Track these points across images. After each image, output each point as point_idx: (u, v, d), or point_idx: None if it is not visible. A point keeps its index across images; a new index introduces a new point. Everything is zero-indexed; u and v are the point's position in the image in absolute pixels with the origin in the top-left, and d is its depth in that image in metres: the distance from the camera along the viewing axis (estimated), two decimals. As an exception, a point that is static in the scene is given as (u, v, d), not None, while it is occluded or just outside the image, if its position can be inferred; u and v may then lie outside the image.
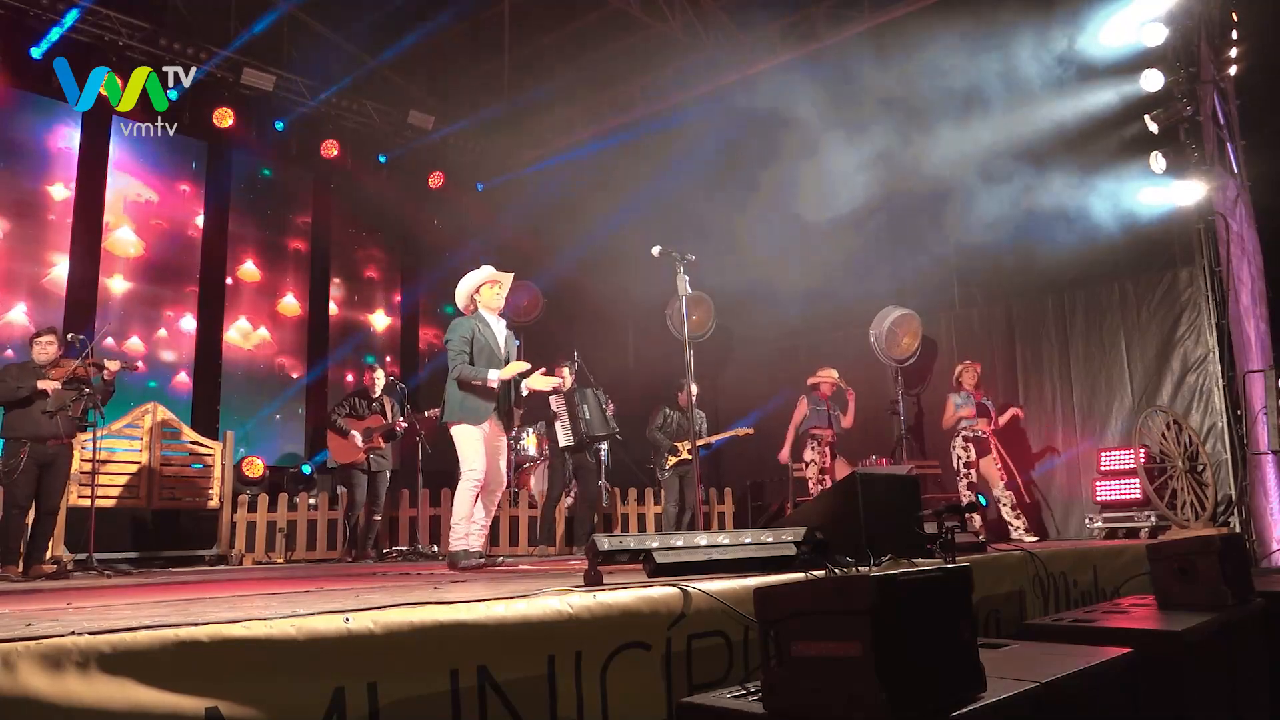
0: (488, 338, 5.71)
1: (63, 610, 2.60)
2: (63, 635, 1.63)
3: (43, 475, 6.52)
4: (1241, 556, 4.06)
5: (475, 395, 5.58)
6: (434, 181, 13.10)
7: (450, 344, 5.68)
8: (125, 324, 10.45)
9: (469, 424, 5.53)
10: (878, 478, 4.07)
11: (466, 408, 5.56)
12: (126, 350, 10.21)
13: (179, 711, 1.70)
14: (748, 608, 2.51)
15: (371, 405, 8.59)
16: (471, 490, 5.51)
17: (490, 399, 5.60)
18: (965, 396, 8.61)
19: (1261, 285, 8.09)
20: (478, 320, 5.79)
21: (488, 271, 5.96)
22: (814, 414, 9.04)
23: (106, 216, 10.50)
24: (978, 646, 2.16)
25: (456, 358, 5.62)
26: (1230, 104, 8.25)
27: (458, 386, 5.60)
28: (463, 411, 5.56)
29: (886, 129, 9.48)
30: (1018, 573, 4.37)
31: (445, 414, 5.67)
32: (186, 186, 11.35)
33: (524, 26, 11.44)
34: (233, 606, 2.42)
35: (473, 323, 5.76)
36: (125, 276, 10.69)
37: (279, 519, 8.80)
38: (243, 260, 11.77)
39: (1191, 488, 8.02)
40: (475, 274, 5.95)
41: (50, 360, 6.64)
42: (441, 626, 2.12)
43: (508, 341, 5.86)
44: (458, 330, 5.71)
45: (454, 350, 5.64)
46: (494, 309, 5.87)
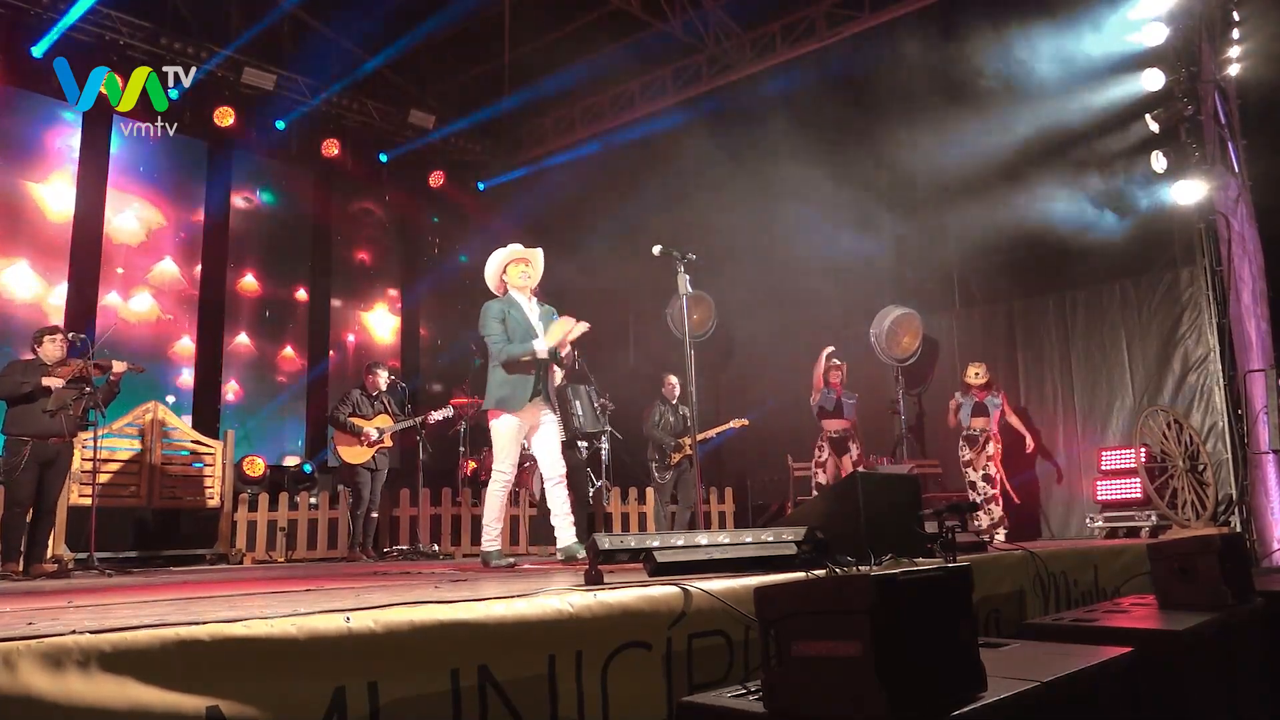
0: (519, 319, 5.43)
1: (63, 609, 2.60)
2: (64, 634, 1.63)
3: (43, 474, 6.51)
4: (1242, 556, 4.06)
5: (514, 378, 5.33)
6: (434, 181, 13.11)
7: (485, 330, 5.41)
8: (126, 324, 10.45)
9: (506, 412, 5.33)
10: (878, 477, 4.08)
11: (503, 393, 5.34)
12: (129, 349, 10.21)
13: (180, 710, 1.70)
14: (748, 607, 2.51)
15: (374, 404, 8.59)
16: (501, 491, 5.36)
17: (527, 383, 5.35)
18: (967, 397, 8.63)
19: (1262, 285, 8.08)
20: (506, 303, 5.50)
21: (513, 250, 5.60)
22: (824, 398, 8.92)
23: (106, 215, 10.50)
24: (978, 646, 2.16)
25: (497, 342, 5.36)
26: (1231, 103, 8.24)
27: (502, 371, 5.37)
28: (499, 397, 5.35)
29: (888, 128, 9.49)
30: (1018, 572, 4.37)
31: (486, 401, 5.45)
32: (187, 185, 11.36)
33: (524, 26, 11.44)
34: (233, 605, 2.42)
35: (502, 305, 5.48)
36: (126, 276, 10.70)
37: (280, 518, 8.79)
38: (243, 259, 11.78)
39: (1192, 487, 8.02)
40: (500, 253, 5.60)
41: (57, 359, 6.64)
42: (442, 626, 2.12)
43: (543, 319, 5.52)
44: (488, 314, 5.44)
45: (492, 335, 5.38)
46: (523, 289, 5.54)
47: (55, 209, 10.23)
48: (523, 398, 5.35)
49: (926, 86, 9.46)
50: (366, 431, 8.35)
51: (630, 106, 12.42)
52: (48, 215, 10.19)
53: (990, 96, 8.86)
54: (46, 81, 9.73)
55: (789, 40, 10.89)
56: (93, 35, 10.02)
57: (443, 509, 9.36)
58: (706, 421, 9.85)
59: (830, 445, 8.90)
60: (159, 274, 10.98)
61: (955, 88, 9.07)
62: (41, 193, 10.18)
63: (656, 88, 12.15)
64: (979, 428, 8.53)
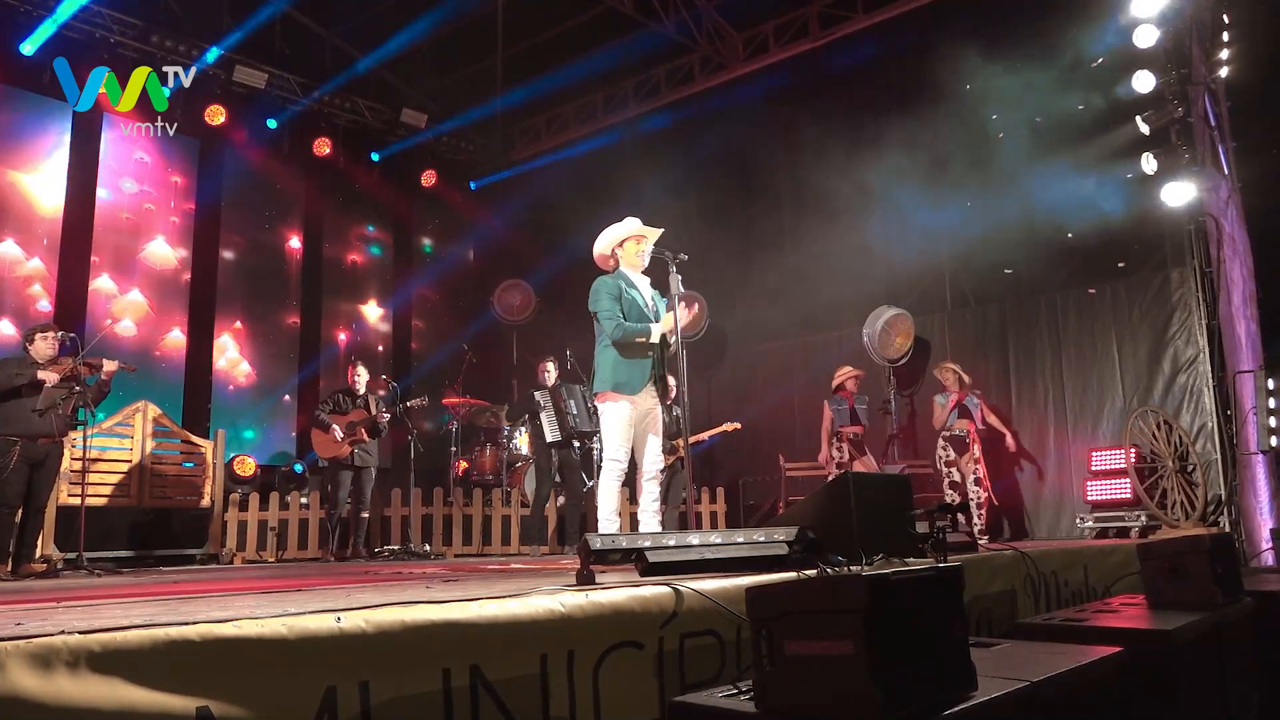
0: (634, 296, 5.15)
1: (52, 609, 2.58)
2: (52, 634, 1.62)
3: (33, 474, 6.48)
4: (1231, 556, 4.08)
5: (630, 362, 5.04)
6: (426, 180, 13.09)
7: (599, 306, 5.11)
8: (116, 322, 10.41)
9: (622, 396, 5.04)
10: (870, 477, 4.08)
11: (619, 377, 5.04)
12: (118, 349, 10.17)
13: (169, 711, 1.69)
14: (740, 607, 2.51)
15: (355, 401, 8.57)
16: (616, 480, 5.08)
17: (645, 367, 5.06)
18: (946, 397, 8.71)
19: (1252, 286, 8.12)
20: (620, 279, 5.21)
21: (633, 225, 5.32)
22: (838, 414, 9.08)
23: (97, 214, 10.46)
24: (969, 646, 2.17)
25: (610, 320, 5.05)
26: (1221, 106, 8.28)
27: (615, 352, 5.07)
28: (615, 380, 5.05)
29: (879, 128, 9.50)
30: (1009, 572, 4.38)
31: (596, 383, 5.19)
32: (178, 181, 11.32)
33: (517, 25, 11.43)
34: (224, 605, 2.41)
35: (616, 281, 5.18)
36: (116, 275, 10.65)
37: (270, 518, 8.78)
38: (234, 258, 11.74)
39: (1182, 487, 8.06)
40: (618, 227, 5.33)
41: (48, 357, 6.61)
42: (434, 625, 2.12)
43: (655, 301, 5.29)
44: (603, 289, 5.15)
45: (605, 312, 5.07)
46: (637, 267, 5.27)
47: (46, 205, 10.18)
48: (640, 382, 5.07)
49: (917, 87, 9.49)
50: (333, 426, 8.34)
51: (623, 106, 12.43)
52: (38, 211, 10.13)
53: (982, 97, 8.89)
54: (36, 79, 9.71)
55: (782, 40, 10.91)
56: (83, 33, 9.98)
57: (434, 509, 9.34)
58: (698, 423, 9.86)
59: (850, 445, 9.02)
60: (149, 272, 10.94)
61: (946, 88, 9.09)
62: (31, 189, 10.12)
63: (649, 87, 12.16)
64: (962, 429, 8.58)
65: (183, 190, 11.34)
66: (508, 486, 10.00)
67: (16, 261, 9.92)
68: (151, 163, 11.08)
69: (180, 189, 11.33)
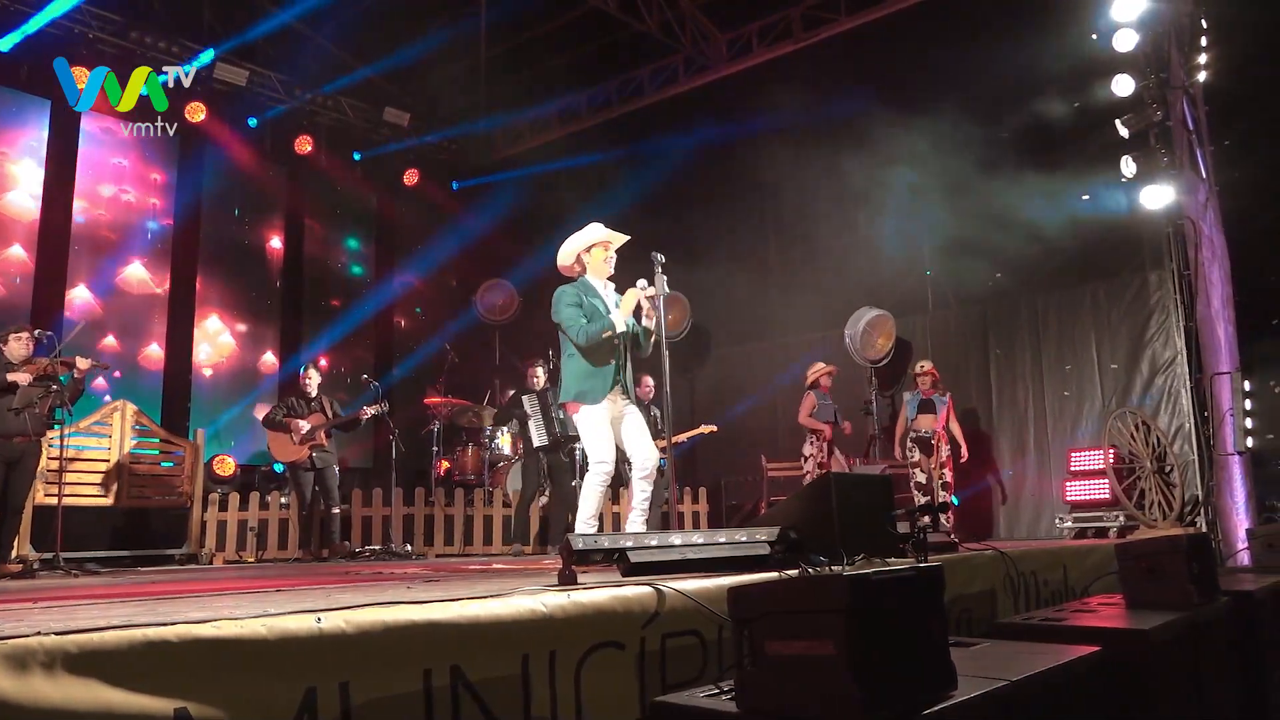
0: (595, 303, 5.06)
1: (28, 610, 2.56)
2: (28, 635, 1.61)
3: (9, 474, 6.42)
4: (1208, 556, 4.11)
5: (592, 370, 4.98)
6: (409, 179, 13.04)
7: (561, 315, 5.04)
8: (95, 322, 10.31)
9: (587, 405, 4.98)
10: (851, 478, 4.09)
11: (582, 386, 4.99)
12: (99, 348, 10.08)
13: (147, 712, 1.68)
14: (722, 607, 2.51)
15: (310, 405, 8.54)
16: (600, 483, 4.97)
17: (607, 374, 4.99)
18: (913, 395, 8.77)
19: (1229, 289, 8.20)
20: (581, 287, 5.13)
21: (597, 231, 5.21)
22: (822, 408, 9.14)
23: (75, 211, 10.36)
24: (949, 645, 2.18)
25: (573, 324, 4.98)
26: (1200, 109, 8.35)
27: (579, 361, 5.01)
28: (579, 389, 4.99)
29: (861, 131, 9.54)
30: (989, 572, 4.40)
31: (562, 394, 5.15)
32: (157, 178, 11.23)
33: (501, 25, 11.41)
34: (202, 606, 2.40)
35: (576, 289, 5.11)
36: (93, 274, 10.56)
37: (250, 518, 8.72)
38: (214, 257, 11.66)
39: (1159, 488, 8.13)
40: (583, 233, 5.21)
41: (23, 357, 6.55)
42: (415, 626, 2.11)
43: (618, 307, 5.14)
44: (563, 298, 5.06)
45: (567, 319, 5.00)
46: (603, 274, 5.19)
47: (20, 204, 10.07)
48: (602, 390, 4.99)
49: (900, 89, 9.53)
50: (298, 423, 8.31)
51: (606, 106, 12.42)
52: (10, 209, 10.03)
53: (963, 101, 8.94)
54: (14, 75, 9.61)
55: (766, 41, 10.94)
56: (62, 29, 9.88)
57: (416, 509, 9.31)
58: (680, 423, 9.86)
59: (829, 447, 9.08)
60: (127, 273, 10.85)
61: (928, 89, 9.13)
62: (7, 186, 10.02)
63: (633, 88, 12.16)
64: (925, 427, 8.64)
65: (161, 188, 11.25)
66: (490, 486, 9.97)
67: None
68: (130, 160, 10.99)
69: (159, 186, 11.24)
